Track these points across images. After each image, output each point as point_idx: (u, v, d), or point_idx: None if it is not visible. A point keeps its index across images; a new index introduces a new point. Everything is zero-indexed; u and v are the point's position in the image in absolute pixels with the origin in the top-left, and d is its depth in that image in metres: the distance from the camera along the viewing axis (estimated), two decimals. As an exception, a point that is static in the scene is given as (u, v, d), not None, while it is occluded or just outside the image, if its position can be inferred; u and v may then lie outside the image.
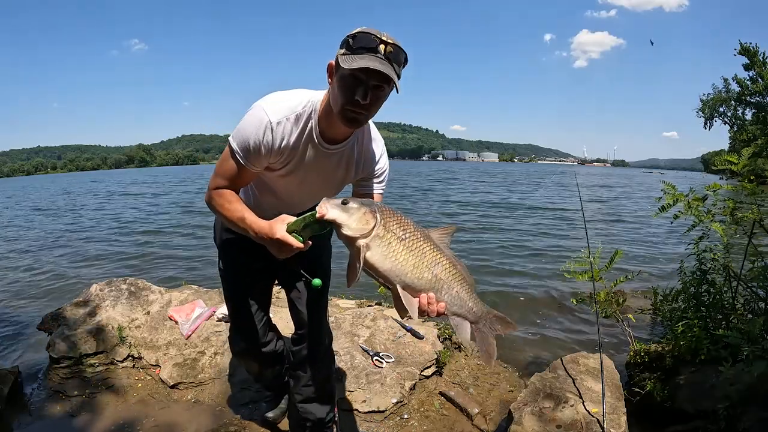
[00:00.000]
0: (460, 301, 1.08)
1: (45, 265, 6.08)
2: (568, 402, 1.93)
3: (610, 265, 2.60)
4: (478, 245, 7.04)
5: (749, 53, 2.73)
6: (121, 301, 2.96)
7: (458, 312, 1.08)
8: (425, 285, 1.03)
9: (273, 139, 1.26)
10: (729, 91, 34.80)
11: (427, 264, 1.03)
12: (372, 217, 1.01)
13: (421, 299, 1.04)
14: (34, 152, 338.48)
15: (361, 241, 1.00)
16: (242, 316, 1.78)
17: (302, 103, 1.29)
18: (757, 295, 2.33)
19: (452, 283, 1.06)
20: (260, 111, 1.26)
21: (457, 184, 25.12)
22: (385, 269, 1.02)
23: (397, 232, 1.02)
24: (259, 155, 1.28)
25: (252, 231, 1.27)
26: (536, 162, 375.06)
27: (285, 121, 1.26)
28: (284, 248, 1.19)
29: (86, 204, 15.99)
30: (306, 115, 1.29)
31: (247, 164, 1.30)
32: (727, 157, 2.35)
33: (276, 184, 1.45)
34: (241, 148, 1.28)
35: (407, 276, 1.02)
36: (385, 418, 2.21)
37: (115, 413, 2.29)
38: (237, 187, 1.37)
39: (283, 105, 1.27)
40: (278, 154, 1.30)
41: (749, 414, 1.80)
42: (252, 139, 1.26)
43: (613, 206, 14.01)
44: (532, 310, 4.10)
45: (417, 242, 1.03)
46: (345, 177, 1.45)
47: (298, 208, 1.51)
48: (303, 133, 1.30)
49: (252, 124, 1.26)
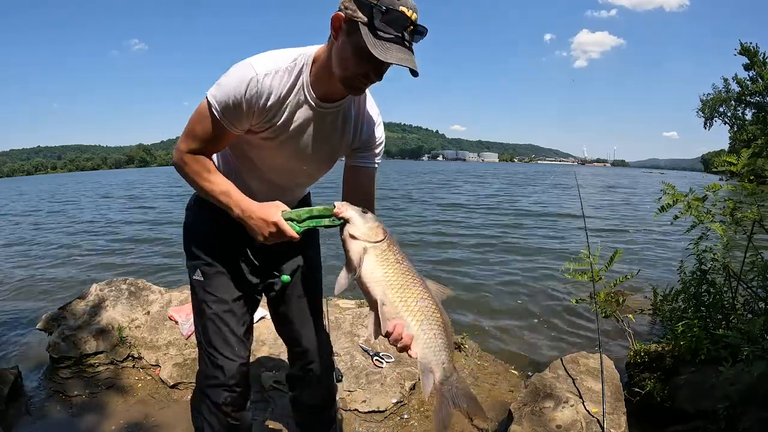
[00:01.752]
0: (434, 347, 1.01)
1: (45, 265, 6.08)
2: (568, 402, 1.92)
3: (609, 265, 2.60)
4: (478, 245, 7.05)
5: (749, 53, 2.74)
6: (121, 301, 2.96)
7: (429, 357, 1.01)
8: (405, 310, 1.01)
9: (258, 93, 1.10)
10: (729, 91, 34.80)
11: (414, 293, 1.02)
12: (383, 233, 1.07)
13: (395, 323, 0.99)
14: (34, 152, 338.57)
15: (364, 244, 1.04)
16: (233, 339, 1.39)
17: (292, 57, 1.15)
18: (757, 295, 2.33)
19: (432, 323, 1.01)
20: (245, 64, 1.12)
21: (458, 184, 25.12)
22: (374, 277, 1.02)
23: (396, 255, 1.06)
24: (240, 113, 1.12)
25: (238, 208, 1.16)
26: (536, 162, 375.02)
27: (273, 73, 1.12)
28: (275, 235, 1.14)
29: (88, 204, 16.00)
30: (297, 69, 1.14)
31: (226, 123, 1.13)
32: (727, 158, 2.35)
33: (259, 153, 1.27)
34: (221, 104, 1.11)
35: (392, 292, 1.01)
36: (385, 418, 2.21)
37: (115, 413, 2.29)
38: (212, 151, 1.22)
39: (271, 59, 1.13)
40: (263, 113, 1.14)
41: (749, 414, 1.80)
42: (234, 93, 1.10)
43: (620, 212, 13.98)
44: (532, 310, 4.10)
45: (411, 272, 1.05)
46: (339, 145, 1.29)
47: (281, 189, 1.36)
48: (293, 88, 1.15)
49: (235, 77, 1.10)
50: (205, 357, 1.40)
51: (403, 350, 1.01)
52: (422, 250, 6.66)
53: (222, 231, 1.34)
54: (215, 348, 1.37)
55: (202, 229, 1.41)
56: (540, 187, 22.89)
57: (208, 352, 1.38)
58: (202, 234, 1.41)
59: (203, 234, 1.40)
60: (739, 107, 29.61)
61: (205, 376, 1.40)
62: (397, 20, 1.00)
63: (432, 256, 6.25)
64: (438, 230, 8.57)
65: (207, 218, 1.36)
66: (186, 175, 1.21)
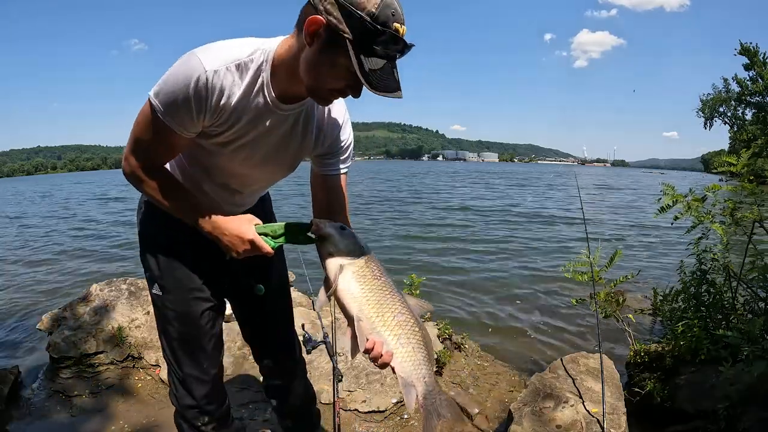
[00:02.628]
0: (414, 361, 1.00)
1: (45, 265, 6.08)
2: (568, 402, 1.92)
3: (609, 265, 2.60)
4: (478, 245, 7.05)
5: (749, 53, 2.74)
6: (121, 301, 2.96)
7: (409, 372, 1.00)
8: (383, 326, 0.99)
9: (208, 92, 0.96)
10: (729, 91, 34.82)
11: (391, 308, 1.00)
12: (361, 250, 1.04)
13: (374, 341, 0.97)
14: (34, 152, 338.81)
15: (341, 261, 1.02)
16: (202, 356, 1.30)
17: (248, 52, 1.00)
18: (757, 295, 2.33)
19: (411, 338, 1.00)
20: (192, 57, 0.96)
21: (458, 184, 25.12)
22: (350, 293, 1.00)
23: (374, 271, 1.03)
24: (188, 113, 0.98)
25: (209, 225, 1.08)
26: (536, 162, 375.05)
27: (225, 70, 0.97)
28: (249, 251, 1.08)
29: (90, 203, 16.00)
30: (255, 65, 1.00)
31: (174, 126, 0.99)
32: (727, 158, 2.35)
33: (212, 159, 1.13)
34: (165, 105, 0.97)
35: (369, 307, 0.99)
36: (385, 418, 2.21)
37: (115, 413, 2.29)
38: (166, 159, 1.10)
39: (222, 52, 0.98)
40: (215, 114, 1.00)
41: (749, 414, 1.80)
42: (179, 92, 0.95)
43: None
44: (532, 310, 4.10)
45: (389, 288, 1.02)
46: (300, 148, 1.16)
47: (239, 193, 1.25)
48: (251, 87, 1.01)
49: (181, 73, 0.95)
50: (174, 378, 1.31)
51: (384, 366, 0.98)
52: (421, 248, 6.67)
53: (180, 239, 1.22)
54: (183, 369, 1.29)
55: (158, 239, 1.27)
56: (540, 189, 22.89)
57: (177, 373, 1.30)
58: (157, 244, 1.27)
59: (159, 244, 1.26)
60: (739, 107, 29.63)
61: (177, 398, 1.32)
62: (389, 42, 0.87)
63: (432, 256, 6.25)
64: (438, 230, 8.57)
65: (162, 225, 1.23)
66: (143, 191, 1.11)
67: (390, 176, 34.94)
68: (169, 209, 1.11)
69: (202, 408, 1.31)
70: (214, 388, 1.33)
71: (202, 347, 1.29)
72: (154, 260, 1.26)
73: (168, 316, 1.26)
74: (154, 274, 1.26)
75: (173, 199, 1.09)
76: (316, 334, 2.62)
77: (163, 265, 1.25)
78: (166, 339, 1.29)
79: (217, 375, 1.36)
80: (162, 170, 1.10)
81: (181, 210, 1.11)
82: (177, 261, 1.24)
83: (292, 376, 1.54)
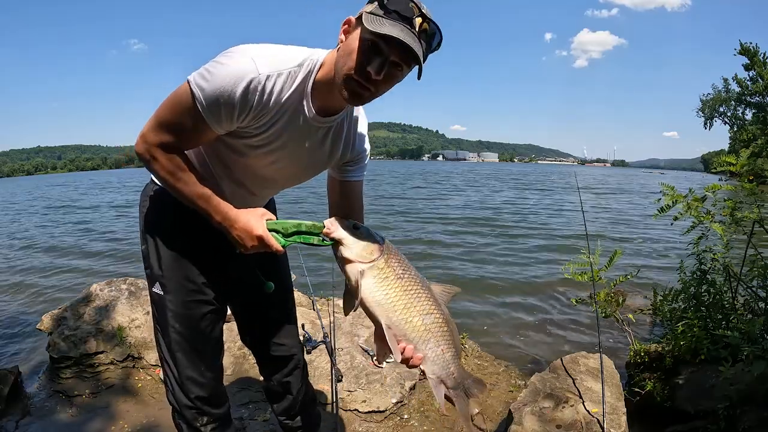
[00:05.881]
0: (443, 362, 1.00)
1: (46, 265, 6.08)
2: (568, 402, 1.92)
3: (609, 265, 2.60)
4: (476, 244, 7.05)
5: (749, 53, 2.74)
6: (121, 301, 2.96)
7: (438, 373, 1.01)
8: (412, 331, 0.98)
9: (257, 96, 0.95)
10: (729, 91, 34.85)
11: (419, 310, 0.98)
12: (378, 249, 1.00)
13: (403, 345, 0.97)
14: (34, 152, 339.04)
15: (360, 267, 0.99)
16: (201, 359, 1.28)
17: (298, 59, 0.99)
18: (757, 295, 2.33)
19: (440, 339, 0.99)
20: (246, 57, 0.94)
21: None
22: (375, 300, 0.98)
23: (396, 270, 1.00)
24: (230, 113, 0.96)
25: (219, 216, 1.06)
26: (536, 162, 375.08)
27: (276, 76, 0.96)
28: (258, 247, 1.05)
29: (92, 203, 16.00)
30: (303, 74, 1.00)
31: (210, 121, 0.97)
32: (727, 158, 2.35)
33: (239, 158, 1.12)
34: (209, 98, 0.94)
35: (396, 314, 0.97)
36: (385, 418, 2.21)
37: (115, 413, 2.29)
38: (186, 147, 1.07)
39: (276, 57, 0.98)
40: (256, 117, 0.99)
41: (749, 414, 1.80)
42: (228, 90, 0.93)
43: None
44: (532, 310, 4.10)
45: (414, 285, 1.00)
46: (328, 160, 1.18)
47: (252, 194, 1.24)
48: (295, 96, 1.00)
49: (232, 71, 0.93)
50: (171, 378, 1.28)
51: (413, 368, 1.00)
52: (421, 249, 6.67)
53: (185, 238, 1.20)
54: (181, 371, 1.25)
55: (161, 237, 1.23)
56: (542, 191, 22.88)
57: (174, 374, 1.26)
58: (160, 242, 1.23)
59: (162, 242, 1.23)
60: (739, 107, 29.65)
61: (175, 398, 1.29)
62: (403, 2, 0.89)
63: (431, 258, 6.25)
64: (437, 230, 8.57)
65: (167, 222, 1.21)
66: (155, 171, 1.06)
67: (387, 179, 34.91)
68: (180, 194, 1.07)
69: (200, 408, 1.29)
70: (213, 389, 1.31)
71: (201, 350, 1.27)
72: (157, 259, 1.22)
73: (168, 317, 1.23)
74: (156, 272, 1.23)
75: (186, 184, 1.05)
76: (316, 334, 2.63)
77: (166, 264, 1.22)
78: (164, 339, 1.26)
79: (216, 377, 1.34)
80: (181, 155, 1.05)
81: (192, 196, 1.06)
82: (180, 261, 1.21)
83: (294, 380, 1.52)
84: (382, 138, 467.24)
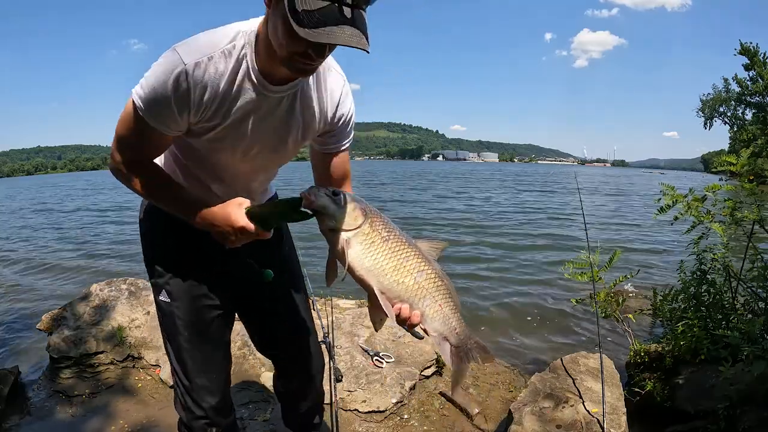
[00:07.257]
0: (443, 317, 0.99)
1: (46, 265, 6.08)
2: (568, 402, 1.93)
3: (609, 265, 2.60)
4: (477, 245, 7.04)
5: (749, 53, 2.74)
6: (121, 301, 2.96)
7: (440, 329, 0.99)
8: (405, 291, 0.96)
9: (190, 87, 0.91)
10: (729, 91, 34.86)
11: (409, 269, 0.96)
12: (362, 213, 0.96)
13: (399, 306, 0.95)
14: (34, 152, 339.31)
15: (345, 235, 0.95)
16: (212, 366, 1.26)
17: (229, 37, 0.94)
18: (757, 295, 2.33)
19: (436, 294, 0.97)
20: (171, 53, 0.91)
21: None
22: (364, 267, 0.95)
23: (381, 233, 0.96)
24: (170, 112, 0.93)
25: (197, 216, 1.01)
26: (536, 162, 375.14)
27: (206, 61, 0.92)
28: (243, 237, 1.00)
29: (92, 203, 16.00)
30: (237, 51, 0.94)
31: (157, 125, 0.96)
32: (727, 158, 2.35)
33: (209, 156, 1.09)
34: (147, 103, 0.93)
35: (386, 277, 0.95)
36: (385, 418, 2.20)
37: (115, 413, 2.29)
38: (152, 156, 1.05)
39: (202, 42, 0.93)
40: (201, 110, 0.96)
41: (749, 414, 1.80)
42: (159, 91, 0.91)
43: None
44: (532, 310, 4.10)
45: (401, 245, 0.97)
46: (305, 130, 1.10)
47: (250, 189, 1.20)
48: (236, 74, 0.95)
49: (161, 70, 0.91)
50: (181, 387, 1.24)
51: (414, 327, 0.97)
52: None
53: (184, 242, 1.17)
54: (192, 379, 1.23)
55: (160, 242, 1.22)
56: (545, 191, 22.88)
57: (185, 383, 1.23)
58: (161, 247, 1.22)
59: (163, 247, 1.22)
60: (739, 107, 29.66)
61: (184, 407, 1.26)
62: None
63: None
64: (437, 230, 8.57)
65: (165, 228, 1.18)
66: (131, 187, 1.05)
67: (384, 179, 34.90)
68: (160, 203, 1.08)
69: (211, 419, 1.25)
70: (223, 398, 1.28)
71: (211, 357, 1.25)
72: (160, 266, 1.20)
73: (177, 324, 1.20)
74: (160, 280, 1.20)
75: (161, 195, 1.06)
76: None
77: (170, 271, 1.19)
78: (173, 347, 1.23)
79: (227, 384, 1.31)
80: (148, 166, 1.04)
81: (170, 205, 1.06)
82: (184, 267, 1.19)
83: (311, 384, 1.45)
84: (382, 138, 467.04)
